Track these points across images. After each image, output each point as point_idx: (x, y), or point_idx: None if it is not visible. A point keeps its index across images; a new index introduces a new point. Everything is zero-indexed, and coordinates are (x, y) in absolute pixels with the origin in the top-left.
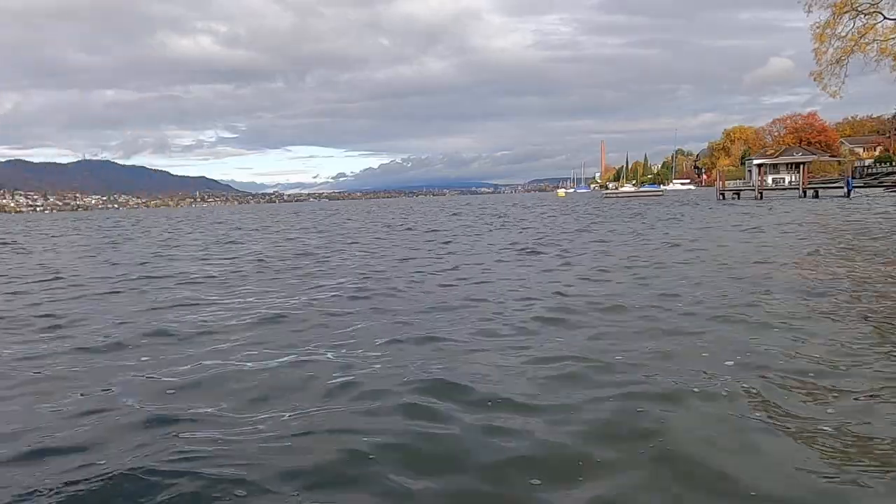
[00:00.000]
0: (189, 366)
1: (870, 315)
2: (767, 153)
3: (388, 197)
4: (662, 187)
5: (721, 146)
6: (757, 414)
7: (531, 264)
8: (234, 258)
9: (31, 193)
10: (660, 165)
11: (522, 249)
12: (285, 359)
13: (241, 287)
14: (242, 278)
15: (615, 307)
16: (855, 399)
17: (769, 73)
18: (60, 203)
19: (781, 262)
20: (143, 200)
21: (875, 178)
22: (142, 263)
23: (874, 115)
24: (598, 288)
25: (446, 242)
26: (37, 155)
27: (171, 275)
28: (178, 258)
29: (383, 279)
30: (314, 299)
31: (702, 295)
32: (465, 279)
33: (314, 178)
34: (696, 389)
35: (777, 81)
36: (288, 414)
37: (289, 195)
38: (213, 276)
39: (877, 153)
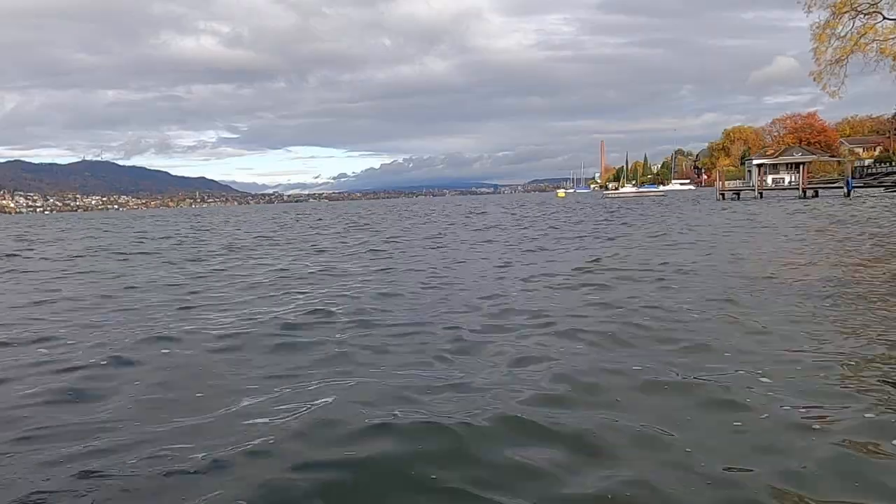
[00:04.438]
0: None
1: None
2: (767, 153)
3: (388, 197)
4: (661, 188)
5: (721, 146)
6: None
7: None
8: None
9: (31, 194)
10: (660, 165)
11: None
12: None
13: None
14: None
15: None
16: None
17: (772, 73)
18: (60, 204)
19: None
20: (144, 201)
21: (875, 178)
22: None
23: (874, 115)
24: None
25: None
26: (37, 155)
27: None
28: None
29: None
30: None
31: None
32: None
33: (315, 178)
34: None
35: (780, 81)
36: None
37: (288, 196)
38: None
39: (876, 153)
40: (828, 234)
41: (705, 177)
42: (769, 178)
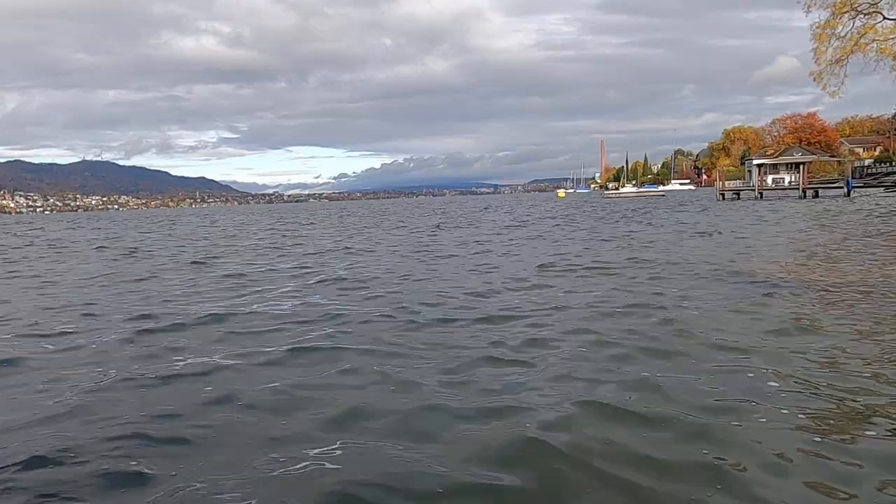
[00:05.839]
0: None
1: None
2: (767, 153)
3: (388, 197)
4: (661, 188)
5: (721, 146)
6: None
7: None
8: None
9: (31, 194)
10: (660, 165)
11: None
12: None
13: None
14: None
15: None
16: None
17: (773, 73)
18: (60, 204)
19: None
20: (144, 201)
21: (875, 178)
22: None
23: (874, 115)
24: None
25: None
26: (37, 155)
27: None
28: None
29: None
30: None
31: None
32: None
33: (316, 178)
34: None
35: (781, 81)
36: None
37: (289, 196)
38: None
39: (876, 153)
40: None
41: (705, 177)
42: (769, 178)
